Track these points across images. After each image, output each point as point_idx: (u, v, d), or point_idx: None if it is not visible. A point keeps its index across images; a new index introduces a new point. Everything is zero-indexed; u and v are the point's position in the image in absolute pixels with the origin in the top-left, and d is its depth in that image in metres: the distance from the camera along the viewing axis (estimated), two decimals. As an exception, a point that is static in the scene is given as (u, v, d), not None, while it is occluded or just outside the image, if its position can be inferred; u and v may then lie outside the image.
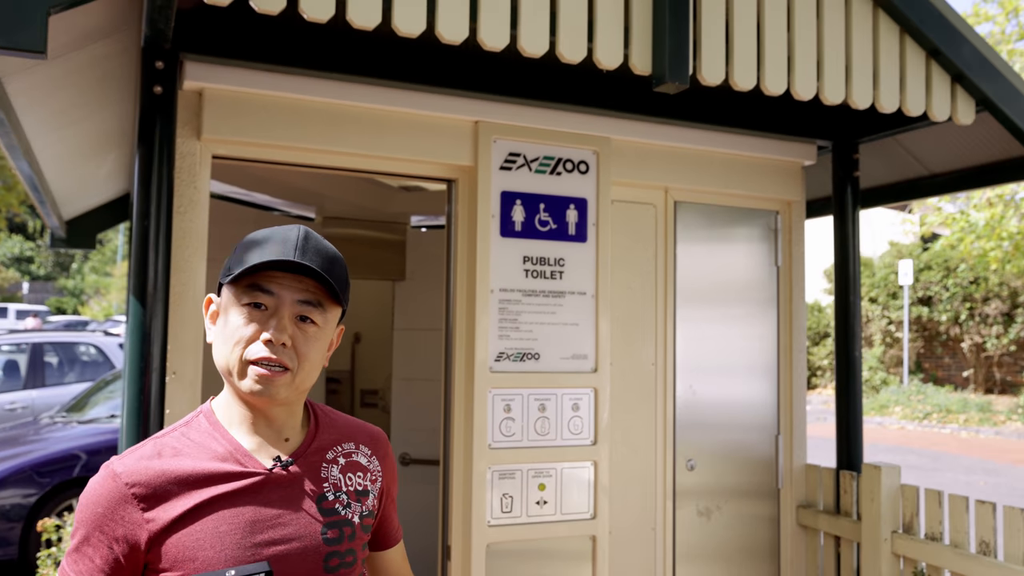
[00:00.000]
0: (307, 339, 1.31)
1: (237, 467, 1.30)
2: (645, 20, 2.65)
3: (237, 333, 1.29)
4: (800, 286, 3.90)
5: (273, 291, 1.29)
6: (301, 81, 2.96)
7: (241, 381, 1.30)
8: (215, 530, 1.25)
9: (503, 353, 3.24)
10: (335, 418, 1.48)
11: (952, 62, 3.07)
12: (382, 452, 1.49)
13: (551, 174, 3.37)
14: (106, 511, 1.26)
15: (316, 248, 1.31)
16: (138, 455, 1.31)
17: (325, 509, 1.35)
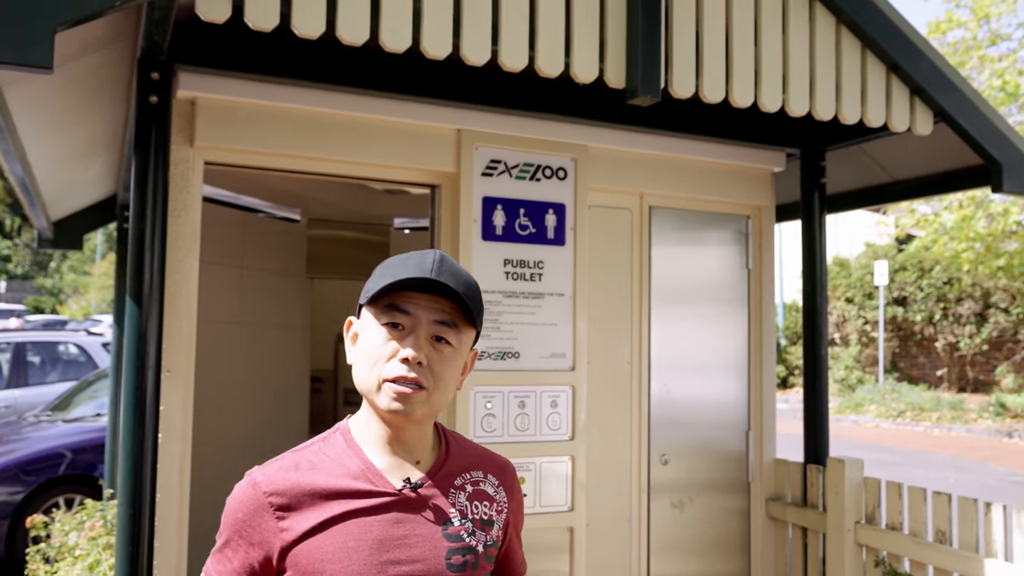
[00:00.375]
0: (442, 359, 1.34)
1: (368, 485, 1.34)
2: (619, 36, 2.80)
3: (376, 352, 1.32)
4: (770, 288, 4.06)
5: (410, 311, 1.32)
6: (291, 91, 3.09)
7: (379, 399, 1.32)
8: (343, 545, 1.29)
9: (484, 352, 3.38)
10: (465, 445, 1.50)
11: (911, 76, 3.24)
12: (509, 483, 1.49)
13: (531, 180, 3.51)
14: (245, 517, 1.33)
15: (451, 271, 1.33)
16: (277, 466, 1.36)
17: (451, 535, 1.36)
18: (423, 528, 1.34)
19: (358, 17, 2.41)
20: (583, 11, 2.75)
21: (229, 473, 4.96)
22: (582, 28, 2.74)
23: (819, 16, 3.14)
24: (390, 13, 2.45)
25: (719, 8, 2.96)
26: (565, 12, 2.73)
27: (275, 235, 5.60)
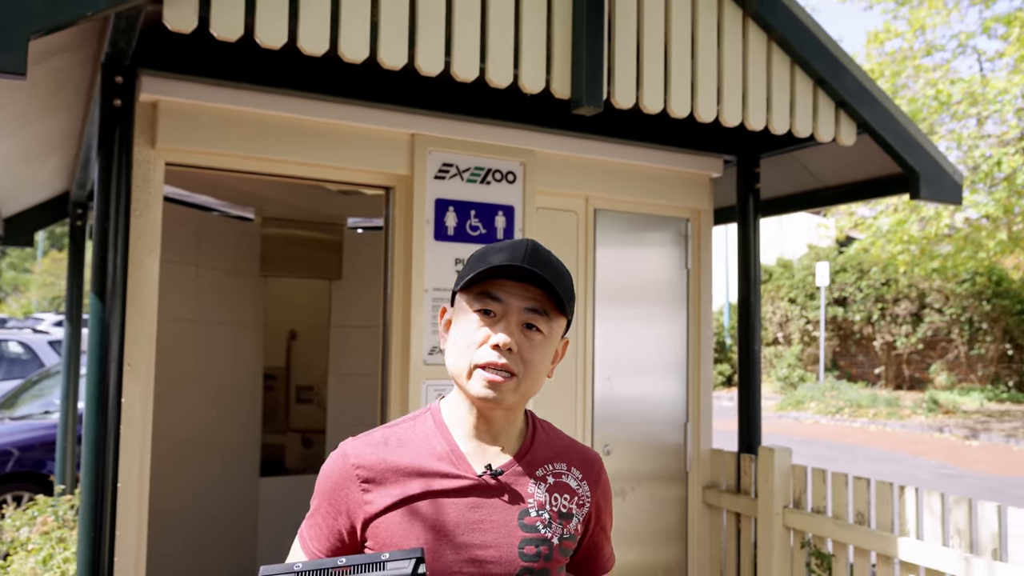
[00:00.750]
0: (533, 346, 1.34)
1: (451, 468, 1.36)
2: (565, 50, 2.98)
3: (467, 338, 1.34)
4: (708, 287, 4.29)
5: (501, 298, 1.33)
6: (252, 95, 3.21)
7: (470, 385, 1.34)
8: (422, 523, 1.32)
9: (436, 347, 3.53)
10: (553, 436, 1.49)
11: (836, 90, 3.48)
12: (594, 478, 1.48)
13: (481, 183, 3.68)
14: (335, 486, 1.37)
15: (543, 259, 1.34)
16: (367, 440, 1.40)
17: (526, 524, 1.36)
18: (499, 515, 1.35)
19: (318, 29, 2.55)
20: (531, 26, 2.92)
21: (182, 467, 5.04)
22: (530, 42, 2.92)
23: (752, 33, 3.37)
24: (349, 26, 2.60)
25: (658, 25, 3.16)
26: (514, 26, 2.90)
27: (229, 234, 5.67)
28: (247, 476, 5.73)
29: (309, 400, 7.38)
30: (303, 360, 7.36)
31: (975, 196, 12.26)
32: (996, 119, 12.67)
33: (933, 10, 14.64)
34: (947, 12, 14.93)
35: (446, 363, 1.38)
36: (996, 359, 19.55)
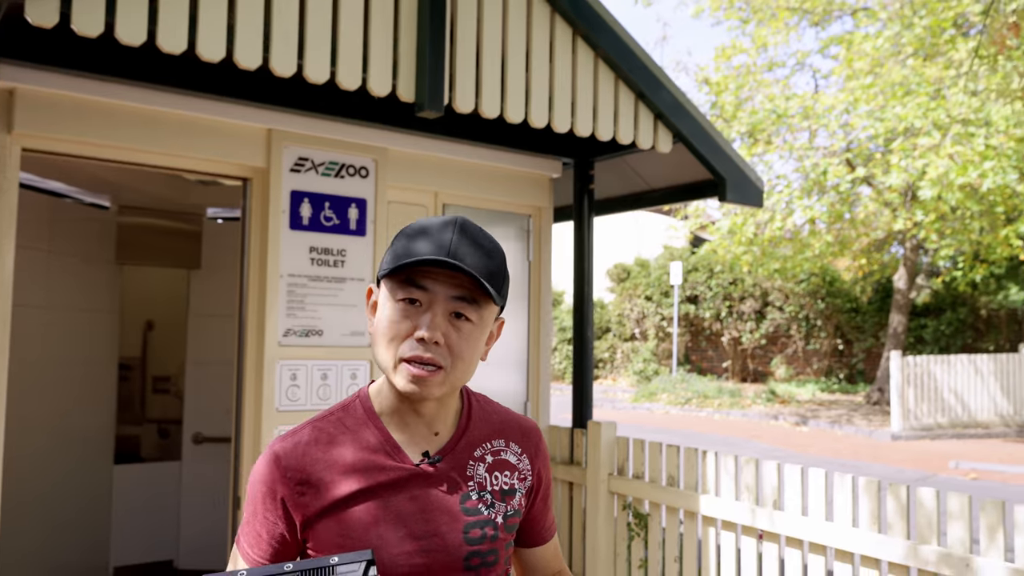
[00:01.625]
0: (461, 336, 1.28)
1: (387, 460, 1.32)
2: (410, 57, 3.29)
3: (391, 329, 1.28)
4: (548, 277, 4.70)
5: (427, 287, 1.26)
6: (112, 87, 3.35)
7: (396, 379, 1.29)
8: (361, 521, 1.29)
9: (290, 329, 3.77)
10: (489, 412, 1.45)
11: (654, 104, 3.95)
12: (533, 449, 1.46)
13: (335, 177, 3.93)
14: (268, 491, 1.32)
15: (471, 244, 1.27)
16: (296, 439, 1.35)
17: (468, 508, 1.34)
18: (441, 502, 1.32)
19: (177, 30, 2.76)
20: (379, 33, 3.22)
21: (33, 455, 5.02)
22: (378, 48, 3.21)
23: (580, 50, 3.78)
24: (206, 27, 2.81)
25: (496, 39, 3.52)
26: (363, 33, 3.19)
27: (83, 221, 5.65)
28: (101, 464, 5.73)
29: (166, 391, 7.36)
30: (160, 350, 7.34)
31: (805, 201, 13.39)
32: (825, 132, 13.87)
33: (775, 29, 15.80)
34: (787, 32, 16.15)
35: (373, 351, 1.34)
36: (829, 353, 21.23)
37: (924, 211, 12.47)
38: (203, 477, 6.00)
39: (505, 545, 1.38)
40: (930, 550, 2.97)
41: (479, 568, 1.34)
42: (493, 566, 1.36)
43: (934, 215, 12.41)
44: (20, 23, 3.04)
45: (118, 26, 2.66)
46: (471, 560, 1.33)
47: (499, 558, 1.37)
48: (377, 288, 1.36)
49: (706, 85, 15.67)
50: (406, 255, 1.26)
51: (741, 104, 14.74)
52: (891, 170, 12.19)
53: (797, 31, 16.42)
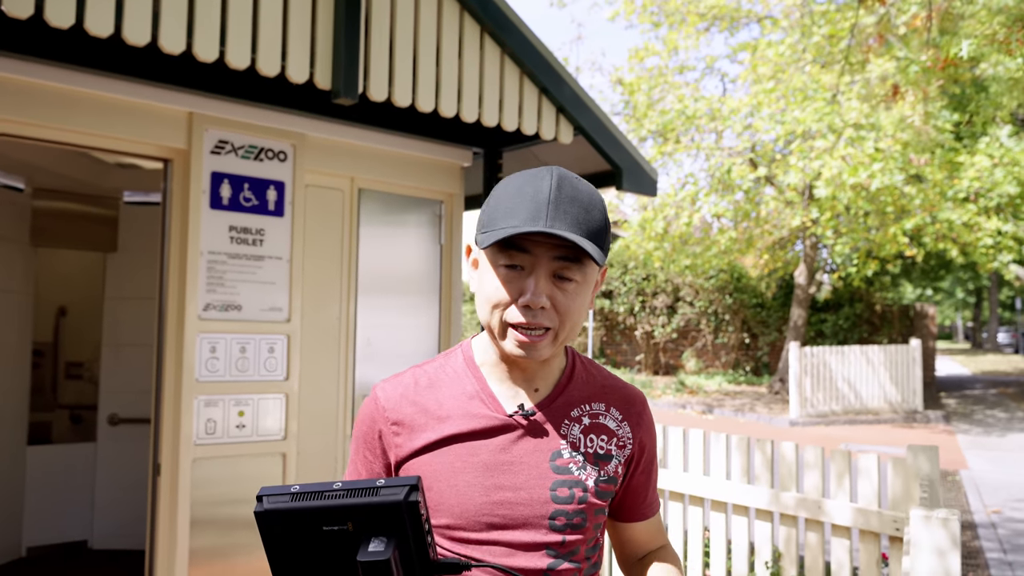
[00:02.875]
0: (567, 296, 1.26)
1: (481, 408, 1.33)
2: (326, 46, 3.52)
3: (495, 295, 1.27)
4: (458, 258, 4.97)
5: (528, 250, 1.24)
6: (34, 67, 3.47)
7: (503, 342, 1.29)
8: (451, 465, 1.29)
9: (210, 304, 3.95)
10: (594, 375, 1.43)
11: (556, 98, 4.27)
12: (636, 418, 1.42)
13: (255, 160, 4.13)
14: (368, 430, 1.38)
15: (571, 199, 1.23)
16: (397, 382, 1.39)
17: (558, 466, 1.32)
18: (531, 457, 1.31)
19: (104, 13, 2.93)
20: (297, 22, 3.44)
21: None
22: (296, 38, 3.44)
23: (488, 46, 4.07)
24: (132, 12, 2.99)
25: (408, 32, 3.78)
26: (282, 22, 3.41)
27: (-3, 203, 5.66)
28: (14, 446, 5.75)
29: (79, 376, 7.34)
30: (73, 336, 7.30)
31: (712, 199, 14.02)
32: (731, 133, 14.54)
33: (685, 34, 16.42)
34: (697, 37, 16.81)
35: (477, 308, 1.33)
36: (736, 347, 22.11)
37: (820, 209, 13.23)
38: (118, 458, 6.07)
39: (595, 511, 1.34)
40: (790, 496, 3.36)
41: (564, 529, 1.30)
42: (579, 529, 1.32)
43: (829, 213, 13.18)
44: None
45: (47, 10, 2.82)
46: (556, 519, 1.30)
47: (587, 522, 1.33)
48: (475, 246, 1.34)
49: (620, 85, 16.19)
50: (504, 220, 1.23)
51: (653, 104, 15.31)
52: (789, 170, 12.90)
53: (707, 36, 17.11)
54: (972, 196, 13.24)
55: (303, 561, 1.07)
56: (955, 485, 8.93)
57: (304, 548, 1.06)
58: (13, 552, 5.72)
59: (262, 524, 1.05)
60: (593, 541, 1.36)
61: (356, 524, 1.04)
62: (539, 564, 1.29)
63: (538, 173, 1.27)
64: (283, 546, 1.06)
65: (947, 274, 27.22)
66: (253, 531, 4.00)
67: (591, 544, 1.36)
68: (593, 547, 1.37)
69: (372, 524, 1.04)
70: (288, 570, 1.07)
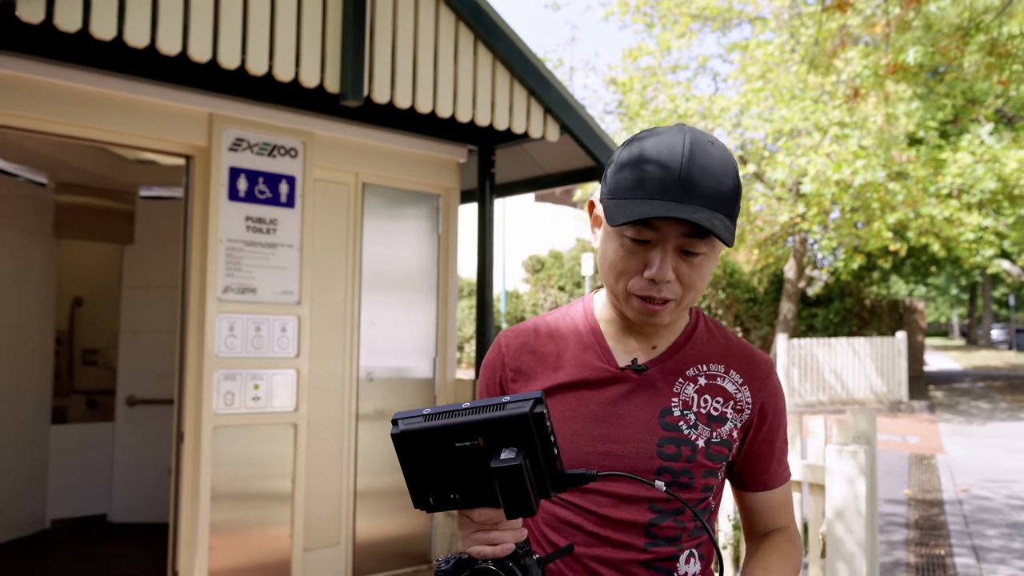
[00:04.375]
0: (692, 268, 1.26)
1: (595, 360, 1.34)
2: (335, 54, 3.92)
3: (620, 264, 1.27)
4: (454, 247, 5.37)
5: (656, 227, 1.22)
6: (73, 71, 3.87)
7: (626, 308, 1.30)
8: (560, 414, 1.30)
9: (228, 287, 4.34)
10: (717, 336, 1.41)
11: (544, 100, 4.67)
12: (759, 383, 1.37)
13: (268, 156, 4.52)
14: (491, 374, 1.42)
15: (703, 169, 1.20)
16: (519, 329, 1.42)
17: (667, 423, 1.30)
18: (639, 411, 1.31)
19: (141, 26, 3.33)
20: (309, 34, 3.84)
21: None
22: (308, 46, 3.84)
23: (481, 52, 4.47)
24: (165, 26, 3.39)
25: (408, 41, 4.18)
26: (296, 34, 3.81)
27: (22, 198, 6.04)
28: (40, 425, 6.14)
29: (95, 363, 7.73)
30: (89, 324, 7.68)
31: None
32: (722, 131, 14.93)
33: (678, 34, 16.80)
34: (690, 36, 17.19)
35: (599, 269, 1.33)
36: (729, 341, 22.49)
37: (807, 206, 13.63)
38: (135, 437, 6.47)
39: (703, 472, 1.31)
40: (749, 456, 3.77)
41: (670, 485, 1.28)
42: (686, 488, 1.30)
43: (816, 209, 13.58)
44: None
45: (93, 23, 3.22)
46: (662, 475, 1.29)
47: (694, 482, 1.30)
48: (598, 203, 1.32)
49: (613, 85, 16.58)
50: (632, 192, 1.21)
51: (646, 104, 15.70)
52: (777, 167, 13.30)
53: (699, 36, 17.49)
54: (955, 192, 13.65)
55: (439, 477, 1.10)
56: (930, 468, 9.34)
57: (439, 465, 1.10)
58: (38, 524, 6.12)
59: (398, 445, 1.10)
60: (702, 503, 1.34)
61: (486, 439, 1.07)
62: (641, 518, 1.29)
63: (671, 137, 1.23)
64: (419, 464, 1.11)
65: (939, 270, 27.64)
66: (267, 492, 4.41)
67: (699, 506, 1.33)
68: (702, 511, 1.34)
69: (501, 437, 1.06)
70: (425, 486, 1.11)
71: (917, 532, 6.40)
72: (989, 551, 5.87)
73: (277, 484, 4.48)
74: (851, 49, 11.27)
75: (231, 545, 4.31)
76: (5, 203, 5.87)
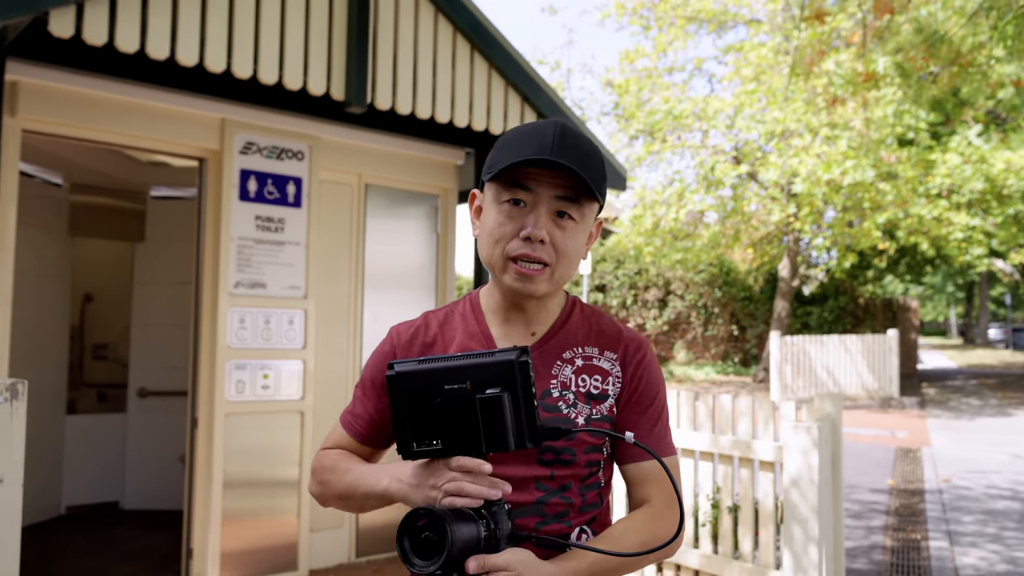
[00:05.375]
0: (565, 235, 1.33)
1: (478, 347, 1.39)
2: (340, 64, 4.19)
3: (498, 230, 1.33)
4: (452, 245, 5.64)
5: (531, 187, 1.30)
6: (95, 80, 4.14)
7: (503, 276, 1.35)
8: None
9: (239, 282, 4.62)
10: (592, 320, 1.47)
11: (536, 105, 4.94)
12: (630, 357, 1.43)
13: (277, 159, 4.79)
14: (377, 363, 1.47)
15: (572, 143, 1.30)
16: (411, 322, 1.49)
17: (547, 404, 1.35)
18: None
19: (162, 40, 3.60)
20: (316, 46, 4.11)
21: None
22: (316, 57, 4.11)
23: (477, 61, 4.74)
24: (184, 39, 3.66)
25: (409, 51, 4.45)
26: (304, 46, 4.08)
27: (36, 198, 6.31)
28: (55, 415, 6.41)
29: (104, 357, 8.00)
30: (99, 320, 7.94)
31: (696, 197, 14.69)
32: (716, 132, 15.22)
33: (674, 36, 17.07)
34: (686, 38, 17.45)
35: (479, 252, 1.40)
36: (725, 339, 22.79)
37: (798, 206, 13.91)
38: (147, 428, 6.74)
39: (585, 448, 1.37)
40: (726, 439, 4.04)
41: (553, 464, 1.34)
42: (569, 465, 1.35)
43: (808, 208, 13.86)
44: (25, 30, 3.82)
45: (117, 37, 3.49)
46: (544, 455, 1.34)
47: (576, 459, 1.36)
48: (481, 193, 1.42)
49: (610, 87, 16.86)
50: (509, 158, 1.30)
51: (641, 105, 15.98)
52: (770, 167, 13.59)
53: (695, 39, 17.76)
54: (944, 192, 13.93)
55: (425, 423, 1.18)
56: (915, 460, 9.61)
57: (426, 409, 1.18)
58: (54, 510, 6.40)
59: (392, 386, 1.19)
60: (589, 479, 1.39)
61: (474, 382, 1.16)
62: (528, 498, 1.34)
63: (543, 122, 1.35)
64: (408, 408, 1.19)
65: (934, 269, 27.92)
66: (275, 474, 4.69)
67: (586, 482, 1.39)
68: (589, 486, 1.40)
69: (487, 382, 1.15)
70: (410, 432, 1.19)
71: (896, 518, 6.68)
72: (963, 535, 6.15)
73: (285, 470, 4.76)
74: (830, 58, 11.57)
75: (241, 528, 4.59)
76: (23, 203, 6.11)
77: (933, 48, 6.93)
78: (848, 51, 11.47)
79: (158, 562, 5.19)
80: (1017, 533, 6.18)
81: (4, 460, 1.74)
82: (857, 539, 5.99)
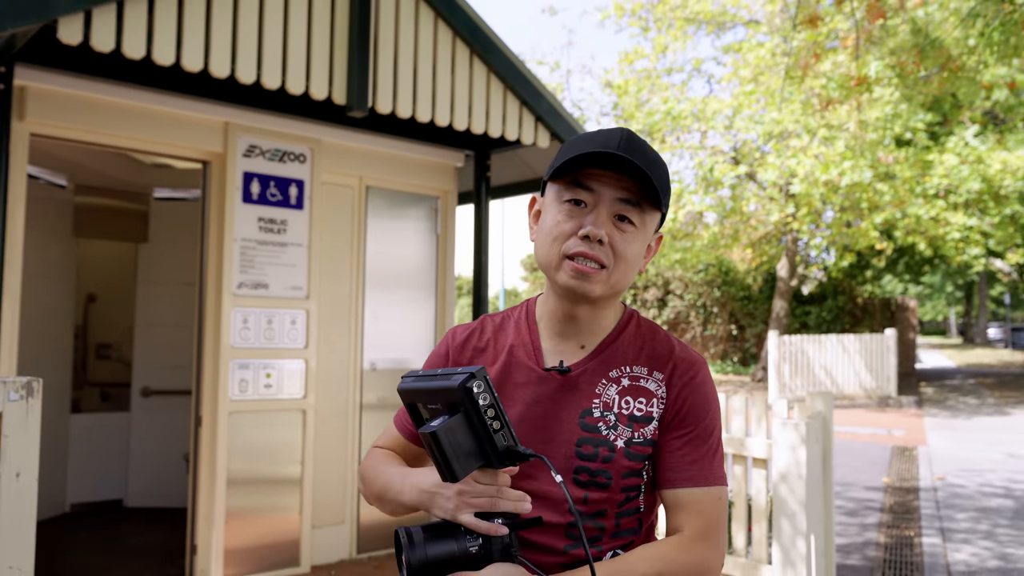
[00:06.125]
0: (624, 238, 1.30)
1: (524, 358, 1.38)
2: (342, 69, 4.28)
3: (556, 228, 1.31)
4: (452, 245, 5.72)
5: (593, 188, 1.29)
6: (102, 85, 4.23)
7: (558, 275, 1.32)
8: None
9: (243, 283, 4.70)
10: (647, 337, 1.41)
11: (535, 109, 5.02)
12: (679, 378, 1.36)
13: (279, 161, 4.87)
14: (430, 363, 1.50)
15: (638, 148, 1.29)
16: (468, 325, 1.49)
17: (587, 424, 1.33)
18: (560, 411, 1.33)
19: (168, 46, 3.68)
20: (318, 51, 4.20)
21: None
22: (318, 62, 4.19)
23: (476, 66, 4.82)
24: (190, 46, 3.74)
25: (409, 56, 4.53)
26: (306, 51, 4.16)
27: (41, 199, 6.39)
28: (60, 414, 6.50)
29: (108, 356, 8.08)
30: (102, 320, 8.02)
31: (695, 197, 14.77)
32: (714, 133, 15.30)
33: (673, 37, 17.14)
34: (684, 39, 17.53)
35: (535, 254, 1.37)
36: (724, 338, 22.88)
37: (796, 206, 14.00)
38: (150, 426, 6.83)
39: (623, 472, 1.32)
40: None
41: (588, 485, 1.31)
42: (604, 488, 1.32)
43: (806, 209, 13.94)
44: (34, 36, 3.90)
45: (124, 44, 3.57)
46: (579, 475, 1.31)
47: (612, 482, 1.32)
48: (541, 197, 1.40)
49: (609, 87, 16.93)
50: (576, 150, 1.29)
51: (640, 105, 16.05)
52: (768, 168, 13.67)
53: (694, 40, 17.84)
54: (941, 192, 14.01)
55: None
56: (911, 458, 9.70)
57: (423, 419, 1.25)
58: (58, 508, 6.48)
59: (401, 396, 1.26)
60: (626, 504, 1.35)
61: (442, 404, 1.16)
62: (562, 520, 1.31)
63: (609, 128, 1.34)
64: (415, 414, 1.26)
65: (932, 269, 27.99)
66: (277, 471, 4.77)
67: (623, 507, 1.35)
68: (627, 511, 1.35)
69: (449, 404, 1.14)
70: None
71: (890, 516, 6.76)
72: (956, 532, 6.23)
73: (287, 467, 4.84)
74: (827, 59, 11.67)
75: (244, 524, 4.67)
76: (29, 205, 6.20)
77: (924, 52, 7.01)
78: (844, 52, 11.58)
79: (162, 558, 5.28)
80: (1009, 530, 6.26)
81: (21, 455, 1.83)
82: (851, 536, 6.07)
